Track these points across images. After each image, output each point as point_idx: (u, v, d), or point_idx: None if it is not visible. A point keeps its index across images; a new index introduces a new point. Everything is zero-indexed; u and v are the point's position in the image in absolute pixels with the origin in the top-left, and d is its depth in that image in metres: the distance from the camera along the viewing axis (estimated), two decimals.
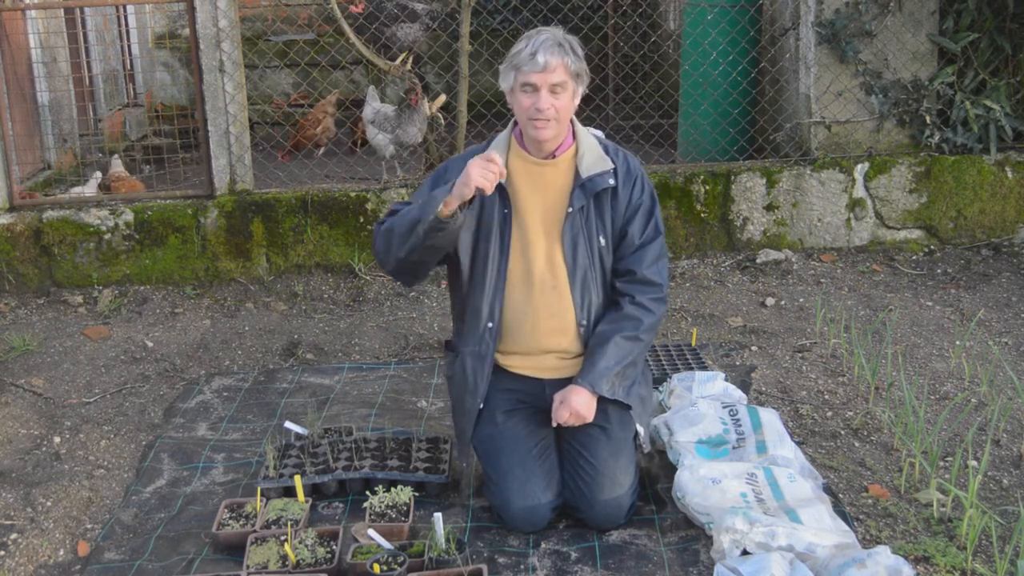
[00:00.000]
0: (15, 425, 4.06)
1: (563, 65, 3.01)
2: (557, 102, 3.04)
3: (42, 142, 6.29)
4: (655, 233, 3.22)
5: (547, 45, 3.00)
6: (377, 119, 5.75)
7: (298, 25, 9.15)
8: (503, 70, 3.10)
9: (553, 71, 3.00)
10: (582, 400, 3.11)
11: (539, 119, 3.05)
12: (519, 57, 3.03)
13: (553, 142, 3.14)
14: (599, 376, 3.12)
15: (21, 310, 5.27)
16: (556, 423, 3.13)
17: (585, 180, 3.15)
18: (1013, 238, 5.69)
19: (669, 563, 2.99)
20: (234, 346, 4.80)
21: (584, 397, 3.12)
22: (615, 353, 3.14)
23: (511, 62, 3.06)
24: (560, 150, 3.18)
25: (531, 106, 3.04)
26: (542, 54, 2.99)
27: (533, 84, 3.03)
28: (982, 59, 5.67)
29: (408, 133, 5.69)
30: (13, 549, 3.21)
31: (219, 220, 5.45)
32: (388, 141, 5.68)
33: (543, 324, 3.20)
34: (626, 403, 3.19)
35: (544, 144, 3.13)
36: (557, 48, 3.01)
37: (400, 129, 5.67)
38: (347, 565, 2.94)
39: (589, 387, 3.12)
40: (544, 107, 3.03)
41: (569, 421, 3.12)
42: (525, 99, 3.06)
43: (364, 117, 5.87)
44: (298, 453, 3.54)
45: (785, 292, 5.22)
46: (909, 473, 3.46)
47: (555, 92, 3.04)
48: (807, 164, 5.66)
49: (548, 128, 3.08)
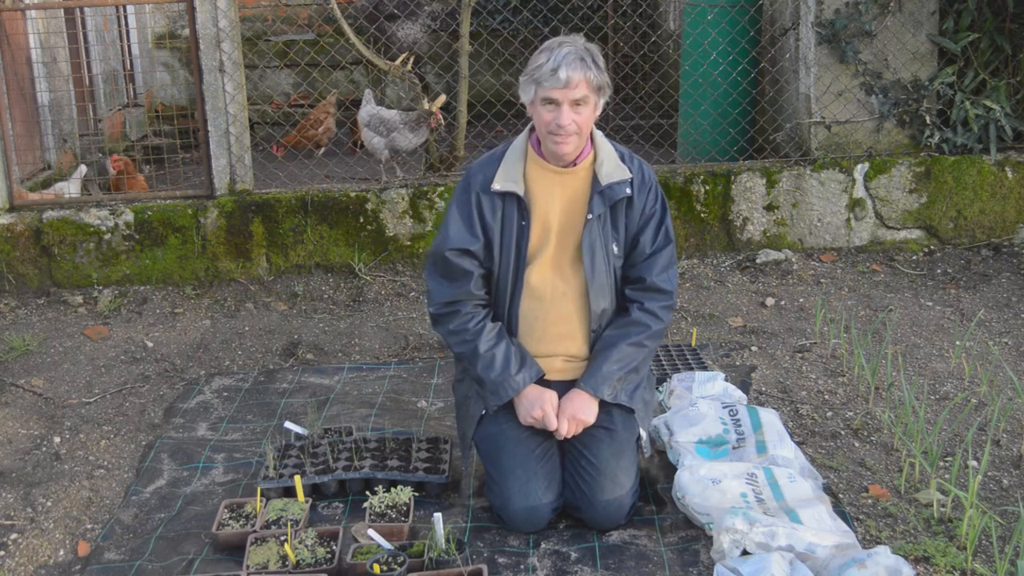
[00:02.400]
0: (15, 425, 4.06)
1: (585, 80, 2.99)
2: (579, 117, 3.04)
3: (42, 142, 6.29)
4: (665, 241, 3.23)
5: (569, 60, 2.97)
6: (372, 122, 5.71)
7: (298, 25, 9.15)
8: (523, 82, 3.07)
9: (575, 87, 2.99)
10: (582, 404, 3.13)
11: (560, 134, 3.05)
12: (540, 72, 3.00)
13: (574, 154, 3.14)
14: (601, 380, 3.13)
15: (21, 310, 5.27)
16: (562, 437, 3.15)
17: (604, 188, 3.15)
18: (1013, 238, 5.69)
19: (669, 563, 2.99)
20: (234, 346, 4.80)
21: (584, 401, 3.13)
22: (619, 358, 3.15)
23: (532, 75, 3.03)
24: (580, 158, 3.18)
25: (552, 121, 3.03)
26: (564, 70, 2.96)
27: (555, 100, 3.01)
28: (982, 59, 5.67)
29: (404, 139, 5.65)
30: (13, 549, 3.21)
31: (219, 220, 5.45)
32: (383, 145, 5.66)
33: (553, 329, 3.22)
34: (629, 407, 3.19)
35: (565, 156, 3.13)
36: (579, 63, 2.98)
37: (397, 134, 5.64)
38: (347, 565, 2.94)
39: (591, 391, 3.13)
40: (565, 123, 3.02)
41: (573, 430, 3.13)
42: (546, 114, 3.04)
43: (359, 119, 5.84)
44: (298, 453, 3.54)
45: (785, 292, 5.22)
46: (909, 473, 3.46)
47: (577, 107, 3.02)
48: (807, 164, 5.66)
49: (568, 143, 3.08)
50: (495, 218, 3.17)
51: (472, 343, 3.16)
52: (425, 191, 5.53)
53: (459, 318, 3.19)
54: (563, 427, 3.12)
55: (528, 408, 3.14)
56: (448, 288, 3.21)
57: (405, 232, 5.54)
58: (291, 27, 9.14)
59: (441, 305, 3.22)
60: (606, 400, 3.14)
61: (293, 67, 8.52)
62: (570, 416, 3.12)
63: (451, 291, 3.20)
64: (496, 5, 8.81)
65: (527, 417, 3.14)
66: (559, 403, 3.16)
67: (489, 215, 3.17)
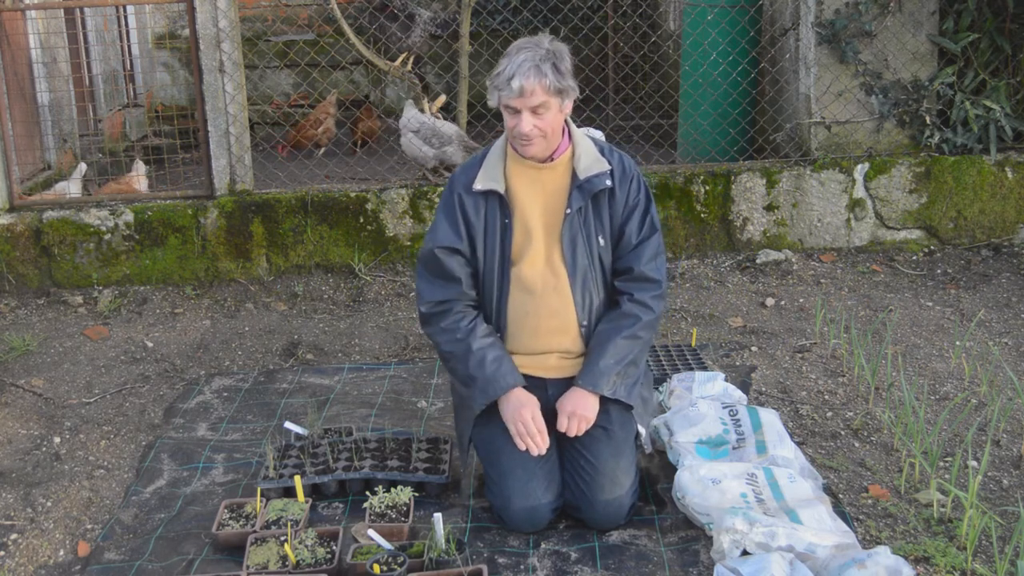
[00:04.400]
0: (15, 425, 4.06)
1: (541, 87, 3.00)
2: (541, 122, 3.06)
3: (42, 142, 6.29)
4: (651, 231, 3.23)
5: (524, 69, 2.98)
6: (423, 130, 5.69)
7: (298, 25, 9.15)
8: (489, 88, 3.11)
9: (531, 95, 3.00)
10: (583, 402, 3.12)
11: (523, 140, 3.09)
12: (499, 79, 3.03)
13: (543, 153, 3.16)
14: (599, 376, 3.13)
15: (21, 310, 5.27)
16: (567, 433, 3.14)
17: (583, 181, 3.16)
18: (1013, 238, 5.69)
19: (669, 563, 2.99)
20: (234, 346, 4.80)
21: (585, 398, 3.13)
22: (615, 352, 3.14)
23: (494, 82, 3.07)
24: (557, 153, 3.19)
25: (515, 127, 3.08)
26: (518, 79, 2.98)
27: (514, 107, 3.05)
28: (982, 59, 5.67)
29: (456, 155, 5.66)
30: (13, 549, 3.21)
31: (219, 220, 5.45)
32: (432, 156, 5.67)
33: (544, 324, 3.21)
34: (628, 403, 3.19)
35: (535, 156, 3.16)
36: (534, 71, 2.98)
37: (451, 148, 5.64)
38: (347, 565, 2.94)
39: (590, 387, 3.13)
40: (526, 130, 3.06)
41: (575, 428, 3.12)
42: (510, 119, 3.10)
43: (404, 125, 5.79)
44: (298, 453, 3.54)
45: (785, 292, 5.22)
46: (909, 473, 3.46)
47: (537, 113, 3.05)
48: (807, 164, 5.66)
49: (533, 146, 3.11)
50: (478, 217, 3.20)
51: (464, 341, 3.16)
52: (425, 191, 5.53)
53: (451, 316, 3.20)
54: (562, 423, 3.12)
55: (514, 407, 3.11)
56: (440, 287, 3.22)
57: (405, 232, 5.54)
58: (291, 27, 9.14)
59: (433, 304, 3.22)
60: (606, 396, 3.14)
61: (293, 67, 8.52)
62: (570, 412, 3.12)
63: (443, 290, 3.21)
64: (496, 5, 8.81)
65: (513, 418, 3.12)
66: (559, 401, 3.16)
67: (472, 214, 3.20)
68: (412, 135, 5.72)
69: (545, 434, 3.11)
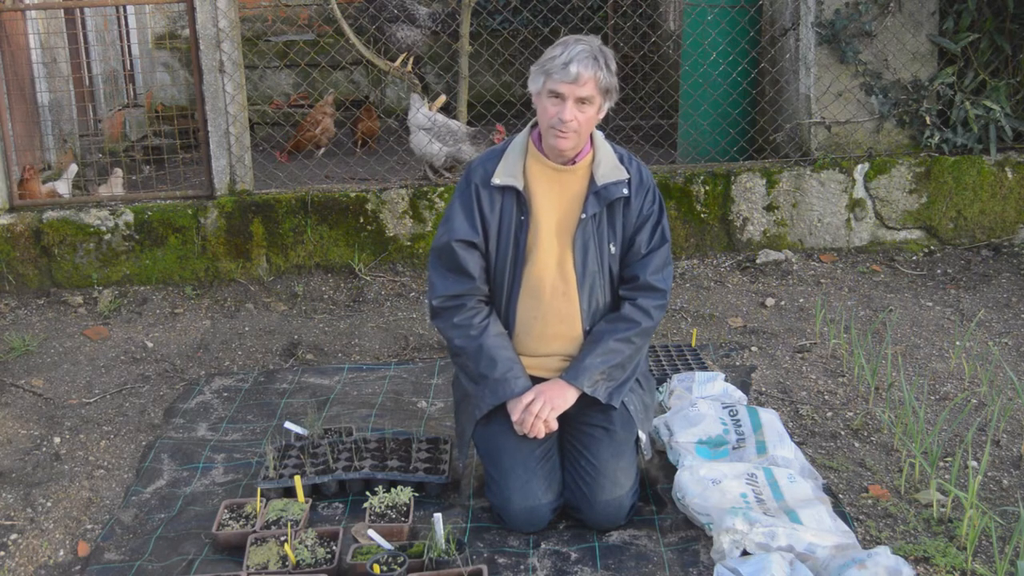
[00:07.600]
0: (15, 425, 4.06)
1: (594, 79, 3.02)
2: (581, 115, 3.06)
3: (42, 142, 6.29)
4: (661, 241, 3.24)
5: (581, 56, 3.00)
6: (436, 128, 5.68)
7: (298, 25, 9.15)
8: (533, 72, 3.09)
9: (584, 84, 3.01)
10: (558, 390, 3.13)
11: (561, 129, 3.06)
12: (552, 63, 3.02)
13: (572, 151, 3.16)
14: (582, 371, 3.14)
15: (21, 310, 5.27)
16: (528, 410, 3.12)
17: (600, 188, 3.17)
18: (1013, 238, 5.69)
19: (669, 564, 2.99)
20: (234, 346, 4.80)
21: (562, 388, 3.14)
22: (604, 352, 3.15)
23: (543, 66, 3.05)
24: (579, 157, 3.20)
25: (555, 115, 3.06)
26: (576, 65, 2.99)
27: (561, 93, 3.03)
28: (982, 59, 5.67)
29: (469, 151, 5.65)
30: (13, 549, 3.21)
31: (219, 221, 5.45)
32: (443, 153, 5.65)
33: (551, 328, 3.22)
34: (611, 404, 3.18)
35: (563, 152, 3.14)
36: (592, 62, 3.01)
37: (465, 145, 5.63)
38: (347, 566, 2.94)
39: (570, 380, 3.14)
40: (568, 119, 3.04)
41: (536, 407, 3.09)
42: (551, 107, 3.07)
43: (414, 122, 5.77)
44: (298, 454, 3.54)
45: (785, 292, 5.22)
46: (909, 473, 3.46)
47: (581, 105, 3.05)
48: (807, 164, 5.66)
49: (568, 139, 3.10)
50: (493, 212, 3.19)
51: (477, 339, 3.16)
52: (425, 191, 5.53)
53: (464, 312, 3.19)
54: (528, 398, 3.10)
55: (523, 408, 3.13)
56: (454, 281, 3.20)
57: (405, 232, 5.54)
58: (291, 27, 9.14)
59: (446, 298, 3.21)
60: (586, 392, 3.14)
61: (293, 67, 8.52)
62: (540, 392, 3.12)
63: (456, 284, 3.20)
64: (496, 5, 8.82)
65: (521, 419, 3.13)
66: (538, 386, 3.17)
67: (487, 209, 3.19)
68: (423, 132, 5.70)
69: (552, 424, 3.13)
